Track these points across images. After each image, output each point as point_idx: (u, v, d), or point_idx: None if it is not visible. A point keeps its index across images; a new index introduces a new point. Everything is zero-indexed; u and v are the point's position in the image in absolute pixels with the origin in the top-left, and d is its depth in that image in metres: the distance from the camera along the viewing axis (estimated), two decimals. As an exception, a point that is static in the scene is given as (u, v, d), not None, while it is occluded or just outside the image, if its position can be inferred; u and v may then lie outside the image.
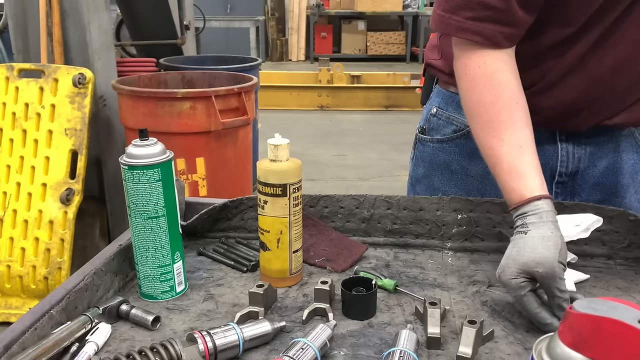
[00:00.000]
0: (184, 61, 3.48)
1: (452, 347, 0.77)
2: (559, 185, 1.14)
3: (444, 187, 1.21)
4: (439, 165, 1.22)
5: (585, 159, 1.12)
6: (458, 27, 0.95)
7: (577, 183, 1.14)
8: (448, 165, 1.20)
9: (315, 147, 5.53)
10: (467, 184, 1.18)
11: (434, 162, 1.23)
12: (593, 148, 1.11)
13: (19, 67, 2.50)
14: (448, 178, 1.21)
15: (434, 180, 1.23)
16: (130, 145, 0.86)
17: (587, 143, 1.11)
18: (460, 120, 1.17)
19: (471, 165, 1.17)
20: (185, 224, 1.05)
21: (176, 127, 2.46)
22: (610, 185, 1.13)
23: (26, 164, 2.44)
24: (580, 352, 0.50)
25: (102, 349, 0.78)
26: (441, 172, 1.22)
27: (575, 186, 1.14)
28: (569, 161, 1.12)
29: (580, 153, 1.11)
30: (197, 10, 4.39)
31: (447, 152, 1.20)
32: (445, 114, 1.20)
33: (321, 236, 1.07)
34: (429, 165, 1.24)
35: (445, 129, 1.20)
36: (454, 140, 1.18)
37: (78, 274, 0.88)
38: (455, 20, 0.95)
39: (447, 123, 1.20)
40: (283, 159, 0.90)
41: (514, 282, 0.82)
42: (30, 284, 2.39)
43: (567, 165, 1.12)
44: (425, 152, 1.24)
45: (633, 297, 0.91)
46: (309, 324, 0.84)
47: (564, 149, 1.11)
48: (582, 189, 1.14)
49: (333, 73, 7.45)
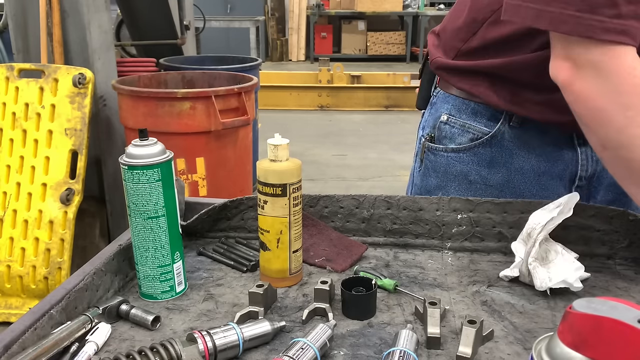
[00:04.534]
0: (184, 61, 3.48)
1: (452, 347, 0.77)
2: (577, 189, 1.13)
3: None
4: (456, 176, 1.17)
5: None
6: (603, 28, 0.79)
7: (592, 185, 1.14)
8: (466, 176, 1.15)
9: (315, 147, 5.53)
10: (486, 193, 1.13)
11: (449, 173, 1.17)
12: None
13: (19, 67, 2.50)
14: (466, 188, 1.16)
15: (450, 191, 1.18)
16: (130, 145, 0.86)
17: None
18: (478, 128, 1.12)
19: (490, 174, 1.13)
20: (185, 224, 1.05)
21: (176, 127, 2.46)
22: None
23: (26, 164, 2.44)
24: (580, 352, 0.50)
25: (102, 348, 0.78)
26: (458, 182, 1.17)
27: (591, 189, 1.14)
28: (588, 164, 1.11)
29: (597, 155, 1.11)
30: (197, 10, 4.39)
31: (465, 162, 1.15)
32: (460, 121, 1.15)
33: (321, 236, 1.07)
34: (443, 175, 1.19)
35: (461, 138, 1.15)
36: (472, 149, 1.14)
37: (78, 274, 0.88)
38: (597, 20, 0.79)
39: (462, 131, 1.15)
40: (283, 159, 0.90)
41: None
42: (30, 284, 2.39)
43: (587, 168, 1.12)
44: (438, 163, 1.19)
45: (633, 297, 0.91)
46: (308, 323, 0.84)
47: (583, 153, 1.11)
48: (597, 190, 1.14)
49: (333, 73, 7.45)
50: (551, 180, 1.12)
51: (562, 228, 0.99)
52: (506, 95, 1.07)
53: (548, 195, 1.12)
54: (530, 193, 1.13)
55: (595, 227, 1.02)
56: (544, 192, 1.13)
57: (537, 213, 0.96)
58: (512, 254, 0.97)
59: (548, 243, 0.97)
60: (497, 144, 1.12)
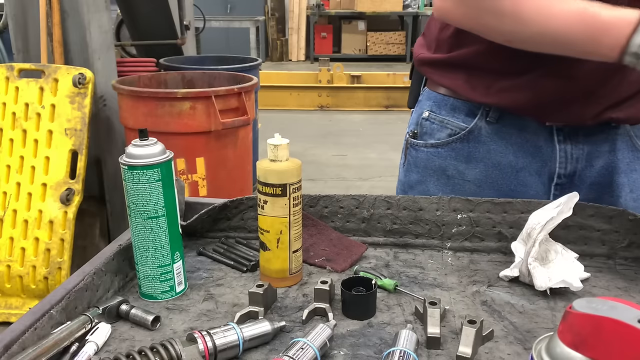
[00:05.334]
0: (184, 61, 3.48)
1: (452, 347, 0.77)
2: (557, 187, 1.13)
3: (440, 193, 1.18)
4: (435, 171, 1.19)
5: (583, 159, 1.11)
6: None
7: (574, 184, 1.14)
8: (444, 171, 1.18)
9: (315, 147, 5.53)
10: (464, 188, 1.16)
11: (428, 168, 1.20)
12: (590, 148, 1.11)
13: (19, 67, 2.50)
14: (444, 183, 1.19)
15: (429, 186, 1.20)
16: (130, 145, 0.86)
17: (585, 142, 1.11)
18: (455, 124, 1.15)
19: (468, 169, 1.16)
20: (185, 224, 1.05)
21: (176, 127, 2.46)
22: (605, 184, 1.13)
23: (26, 164, 2.44)
24: (580, 352, 0.50)
25: (102, 348, 0.78)
26: (437, 177, 1.19)
27: (573, 187, 1.13)
28: (567, 162, 1.12)
29: (578, 153, 1.11)
30: (197, 10, 4.39)
31: (443, 157, 1.18)
32: (439, 117, 1.18)
33: (321, 236, 1.07)
34: (423, 170, 1.21)
35: (440, 133, 1.18)
36: (450, 145, 1.17)
37: (78, 274, 0.88)
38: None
39: (441, 127, 1.18)
40: (283, 159, 0.90)
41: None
42: (30, 284, 2.39)
43: (566, 166, 1.12)
44: (419, 158, 1.22)
45: (633, 297, 0.91)
46: (308, 323, 0.84)
47: (562, 150, 1.11)
48: (579, 189, 1.13)
49: (333, 73, 7.45)
50: (530, 177, 1.13)
51: (562, 228, 0.99)
52: (481, 88, 1.10)
53: (527, 192, 1.13)
54: (509, 189, 1.14)
55: (595, 227, 1.02)
56: (523, 188, 1.13)
57: (537, 213, 0.96)
58: (512, 254, 0.97)
59: (548, 243, 0.97)
60: (474, 139, 1.14)
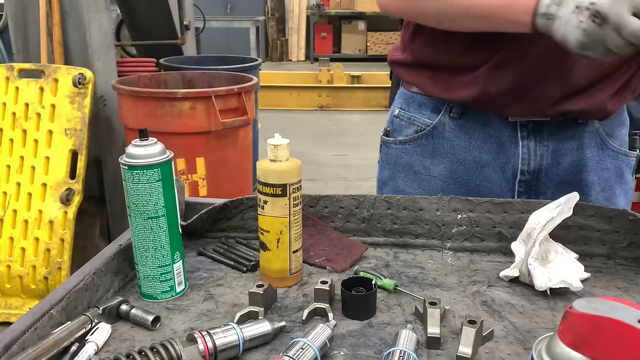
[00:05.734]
0: (184, 61, 3.48)
1: (452, 347, 0.77)
2: (522, 184, 1.13)
3: (409, 189, 1.20)
4: (403, 167, 1.21)
5: (548, 156, 1.11)
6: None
7: (541, 181, 1.13)
8: (411, 167, 1.20)
9: (315, 147, 5.53)
10: (430, 184, 1.18)
11: (397, 164, 1.22)
12: (555, 145, 1.11)
13: (19, 67, 2.50)
14: (412, 179, 1.20)
15: (399, 182, 1.22)
16: (130, 145, 0.86)
17: (549, 139, 1.10)
18: (421, 120, 1.17)
19: (433, 165, 1.17)
20: (185, 224, 1.05)
21: (176, 127, 2.46)
22: (575, 183, 1.13)
23: (26, 164, 2.44)
24: (580, 352, 0.50)
25: (102, 349, 0.78)
26: (405, 173, 1.21)
27: (540, 184, 1.13)
28: (530, 159, 1.11)
29: (543, 150, 1.11)
30: (197, 10, 4.39)
31: (410, 153, 1.19)
32: (407, 114, 1.20)
33: (321, 236, 1.07)
34: (393, 167, 1.23)
35: (407, 130, 1.20)
36: (416, 141, 1.18)
37: (78, 274, 0.88)
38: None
39: (408, 124, 1.20)
40: (283, 159, 0.90)
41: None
42: (30, 284, 2.39)
43: (529, 162, 1.12)
44: (390, 154, 1.24)
45: (633, 297, 0.91)
46: (308, 324, 0.84)
47: (524, 147, 1.11)
48: (547, 187, 1.14)
49: (333, 73, 7.45)
50: (494, 173, 1.14)
51: (562, 228, 0.99)
52: (443, 84, 1.12)
53: (492, 188, 1.14)
54: (474, 184, 1.15)
55: (595, 227, 1.02)
56: (488, 184, 1.14)
57: (537, 213, 0.96)
58: (512, 254, 0.97)
59: (548, 243, 0.97)
60: (438, 135, 1.16)
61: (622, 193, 1.18)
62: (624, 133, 1.18)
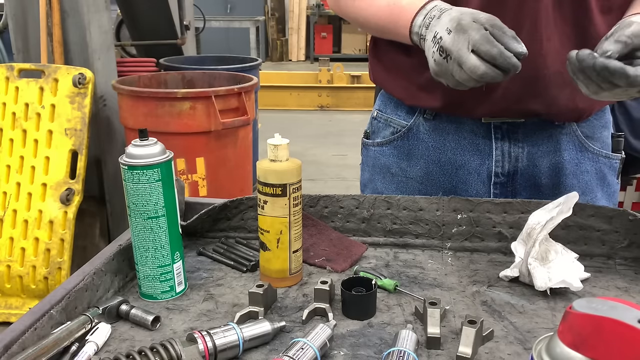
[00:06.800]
0: (184, 61, 3.48)
1: (452, 347, 0.77)
2: (497, 185, 1.12)
3: (387, 191, 1.20)
4: (380, 169, 1.21)
5: (524, 158, 1.10)
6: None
7: (517, 183, 1.12)
8: (388, 168, 1.20)
9: (315, 147, 5.53)
10: (407, 186, 1.18)
11: (375, 166, 1.22)
12: (531, 147, 1.10)
13: (19, 67, 2.50)
14: (389, 181, 1.20)
15: (377, 184, 1.22)
16: (130, 145, 0.86)
17: (525, 141, 1.10)
18: (397, 122, 1.17)
19: (410, 167, 1.17)
20: (185, 224, 1.05)
21: (176, 127, 2.46)
22: (553, 186, 1.12)
23: (26, 164, 2.44)
24: (580, 352, 0.50)
25: (102, 349, 0.78)
26: (382, 175, 1.21)
27: (516, 186, 1.13)
28: (504, 160, 1.11)
29: (517, 152, 1.10)
30: (197, 10, 4.39)
31: (387, 155, 1.20)
32: (384, 116, 1.20)
33: (321, 236, 1.07)
34: (372, 169, 1.23)
35: (385, 132, 1.20)
36: (392, 143, 1.18)
37: (78, 274, 0.88)
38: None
39: (385, 125, 1.20)
40: (283, 159, 0.90)
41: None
42: (30, 284, 2.39)
43: (503, 164, 1.11)
44: (369, 157, 1.24)
45: (633, 297, 0.91)
46: (308, 324, 0.84)
47: (498, 149, 1.10)
48: (523, 188, 1.13)
49: (333, 73, 7.44)
50: (469, 175, 1.13)
51: (562, 228, 0.99)
52: (413, 89, 1.12)
53: (467, 189, 1.13)
54: (451, 185, 1.14)
55: (595, 227, 1.02)
56: (464, 185, 1.14)
57: (537, 213, 0.96)
58: (512, 254, 0.97)
59: (548, 243, 0.97)
60: (413, 137, 1.16)
61: (604, 197, 1.16)
62: (606, 135, 1.16)
